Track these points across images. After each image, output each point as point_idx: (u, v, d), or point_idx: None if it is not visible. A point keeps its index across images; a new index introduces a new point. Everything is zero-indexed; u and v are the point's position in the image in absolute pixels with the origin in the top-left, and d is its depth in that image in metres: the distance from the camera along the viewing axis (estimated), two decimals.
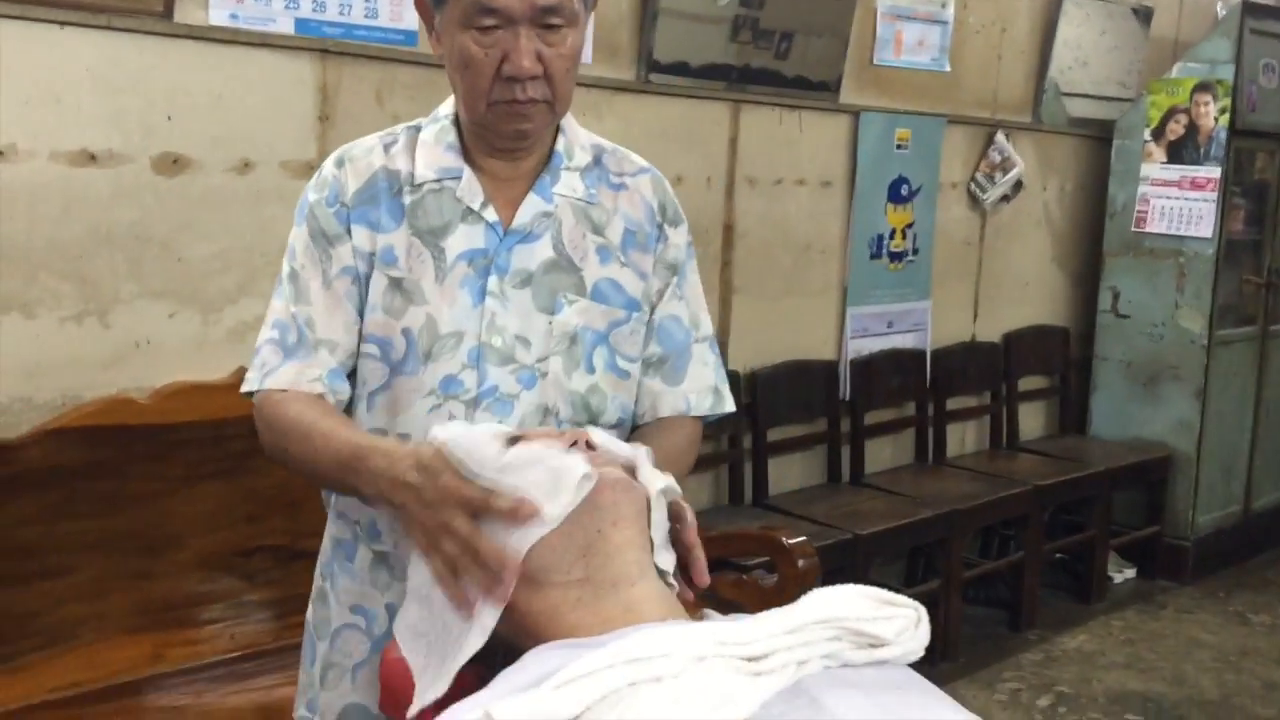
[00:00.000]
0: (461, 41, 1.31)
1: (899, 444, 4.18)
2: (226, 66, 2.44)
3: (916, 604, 1.03)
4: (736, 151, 3.52)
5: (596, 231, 1.44)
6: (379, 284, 1.39)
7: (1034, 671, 3.74)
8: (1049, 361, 4.75)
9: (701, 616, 1.11)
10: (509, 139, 1.38)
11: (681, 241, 1.52)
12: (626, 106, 3.21)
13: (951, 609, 3.70)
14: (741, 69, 3.43)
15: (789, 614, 0.98)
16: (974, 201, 4.37)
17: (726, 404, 1.54)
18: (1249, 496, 4.82)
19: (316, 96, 2.59)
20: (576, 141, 1.46)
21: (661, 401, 1.49)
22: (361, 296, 1.40)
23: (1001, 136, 4.36)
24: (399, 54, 2.70)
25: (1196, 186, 4.44)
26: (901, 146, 3.97)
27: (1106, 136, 4.70)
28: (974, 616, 4.05)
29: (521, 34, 1.29)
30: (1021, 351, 4.59)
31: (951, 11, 4.05)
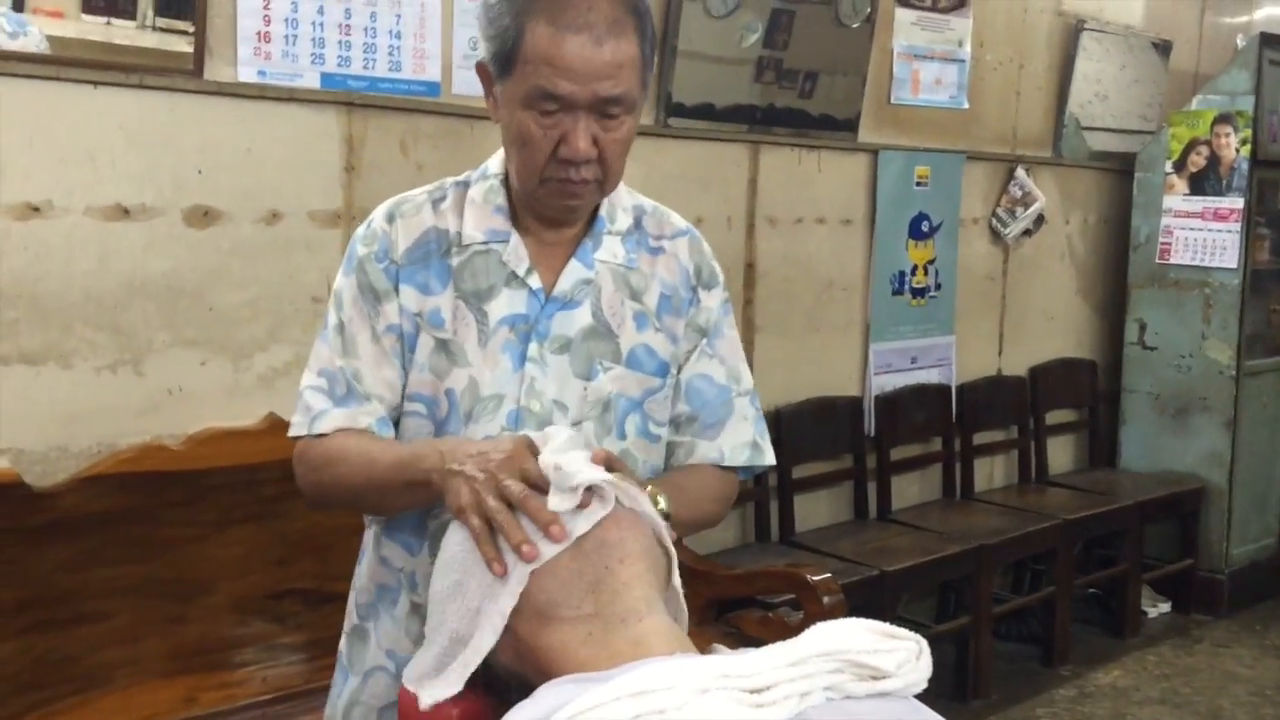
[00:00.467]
0: (521, 119, 1.33)
1: (926, 479, 4.18)
2: (255, 121, 2.52)
3: (918, 636, 1.05)
4: (756, 192, 3.57)
5: (634, 297, 1.46)
6: (426, 344, 1.41)
7: (1067, 708, 3.71)
8: (1077, 394, 4.74)
9: (710, 650, 1.13)
10: (557, 211, 1.42)
11: (715, 304, 1.54)
12: (646, 150, 3.26)
13: (982, 645, 3.68)
14: (765, 109, 3.48)
15: (791, 647, 1.00)
16: (996, 236, 4.39)
17: (766, 457, 1.56)
18: None
19: (342, 148, 2.65)
20: (619, 204, 1.48)
21: (696, 453, 1.52)
22: (405, 354, 1.42)
23: (1022, 171, 4.38)
24: (422, 105, 2.77)
25: (1220, 217, 4.44)
26: (921, 183, 4.00)
27: (1128, 169, 4.71)
28: (1006, 653, 4.03)
29: (581, 119, 1.31)
30: (1048, 385, 4.59)
31: (968, 49, 4.09)
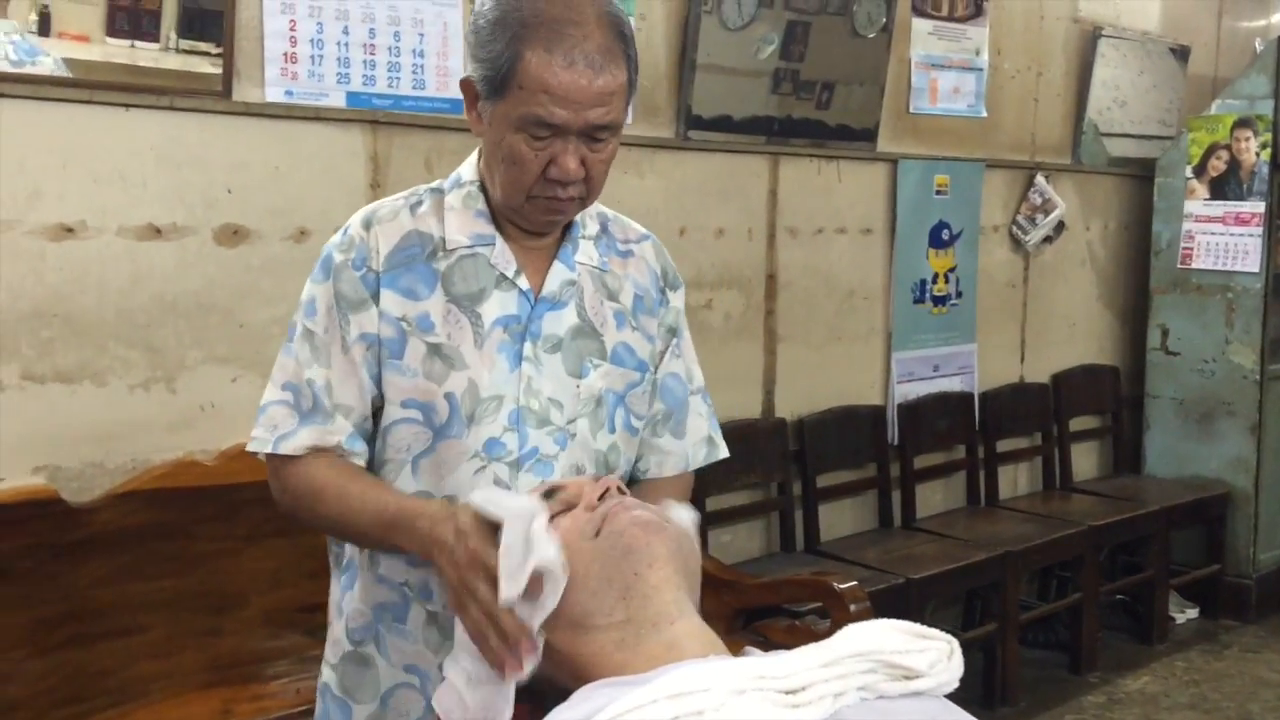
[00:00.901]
0: (513, 140, 1.36)
1: (950, 487, 4.18)
2: (282, 140, 2.56)
3: (949, 636, 1.06)
4: (776, 203, 3.59)
5: (612, 298, 1.51)
6: (416, 350, 1.41)
7: (1096, 714, 3.70)
8: (1100, 401, 4.74)
9: (743, 653, 1.15)
10: (539, 225, 1.45)
11: (680, 305, 1.60)
12: (666, 163, 3.29)
13: (1009, 652, 3.68)
14: (783, 120, 3.51)
15: (825, 648, 1.02)
16: (1016, 244, 4.40)
17: (720, 451, 1.64)
18: None
19: (368, 166, 2.69)
20: (586, 211, 1.52)
21: (668, 461, 1.58)
22: (375, 364, 1.42)
23: (1041, 179, 4.39)
24: (446, 121, 2.80)
25: (1241, 221, 4.43)
26: (941, 192, 4.01)
27: (1148, 175, 4.71)
28: (1034, 660, 4.02)
29: (571, 142, 1.35)
30: (1071, 391, 4.58)
31: (986, 58, 4.11)
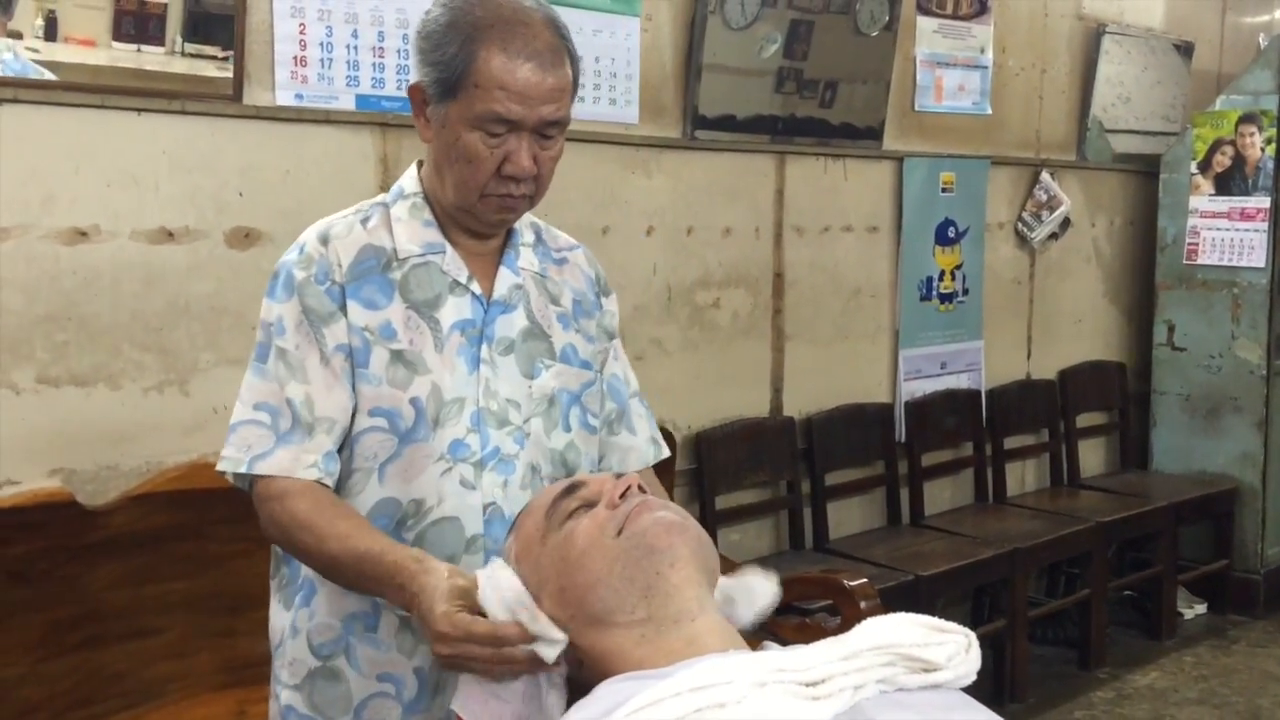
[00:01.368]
0: (469, 139, 1.41)
1: (958, 484, 4.19)
2: (293, 143, 2.57)
3: (967, 629, 1.07)
4: (783, 201, 3.60)
5: (554, 301, 1.57)
6: (380, 358, 1.44)
7: (1106, 710, 3.71)
8: (1107, 397, 4.74)
9: (761, 647, 1.16)
10: (490, 225, 1.50)
11: (615, 309, 1.67)
12: (674, 163, 3.30)
13: (1018, 648, 3.68)
14: (787, 119, 3.52)
15: (844, 642, 1.03)
16: (1022, 240, 4.40)
17: (664, 451, 1.70)
18: None
19: (378, 168, 2.70)
20: (521, 221, 1.57)
21: (630, 456, 1.64)
22: (353, 374, 1.44)
23: (1047, 175, 4.40)
24: None
25: (1246, 217, 4.44)
26: (946, 189, 4.02)
27: (1153, 171, 4.71)
28: (1043, 656, 4.03)
29: (525, 139, 1.40)
30: (1078, 388, 4.59)
31: (990, 56, 4.11)
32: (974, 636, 1.07)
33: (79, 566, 2.28)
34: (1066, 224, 4.49)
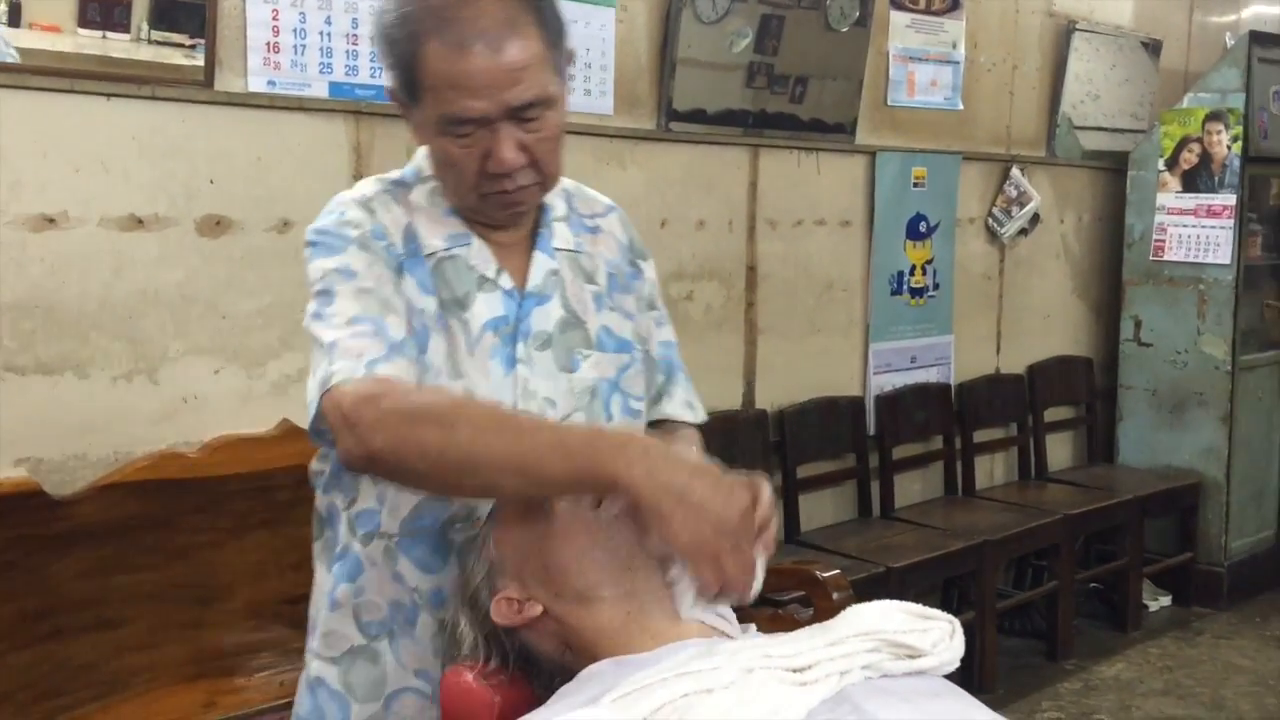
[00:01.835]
0: (442, 144, 1.28)
1: (928, 477, 4.22)
2: (265, 131, 2.54)
3: (951, 617, 1.08)
4: (757, 195, 3.60)
5: (589, 280, 1.44)
6: (439, 348, 1.33)
7: (1073, 701, 3.74)
8: (1074, 392, 4.78)
9: (746, 633, 1.16)
10: (503, 220, 1.37)
11: (653, 275, 1.54)
12: (648, 155, 3.29)
13: (987, 640, 3.71)
14: (758, 114, 3.52)
15: (830, 628, 1.03)
16: (992, 236, 4.43)
17: (699, 413, 1.56)
18: None
19: (351, 156, 2.68)
20: (552, 193, 1.42)
21: (677, 417, 1.52)
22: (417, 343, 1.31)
23: (1017, 171, 4.43)
24: None
25: (1213, 214, 4.49)
26: (918, 184, 4.04)
27: (1121, 168, 4.76)
28: (1011, 647, 4.07)
29: (501, 129, 1.25)
30: (1046, 382, 4.63)
31: (962, 51, 4.13)
32: (958, 623, 1.07)
33: (46, 557, 2.25)
34: (1036, 220, 4.52)
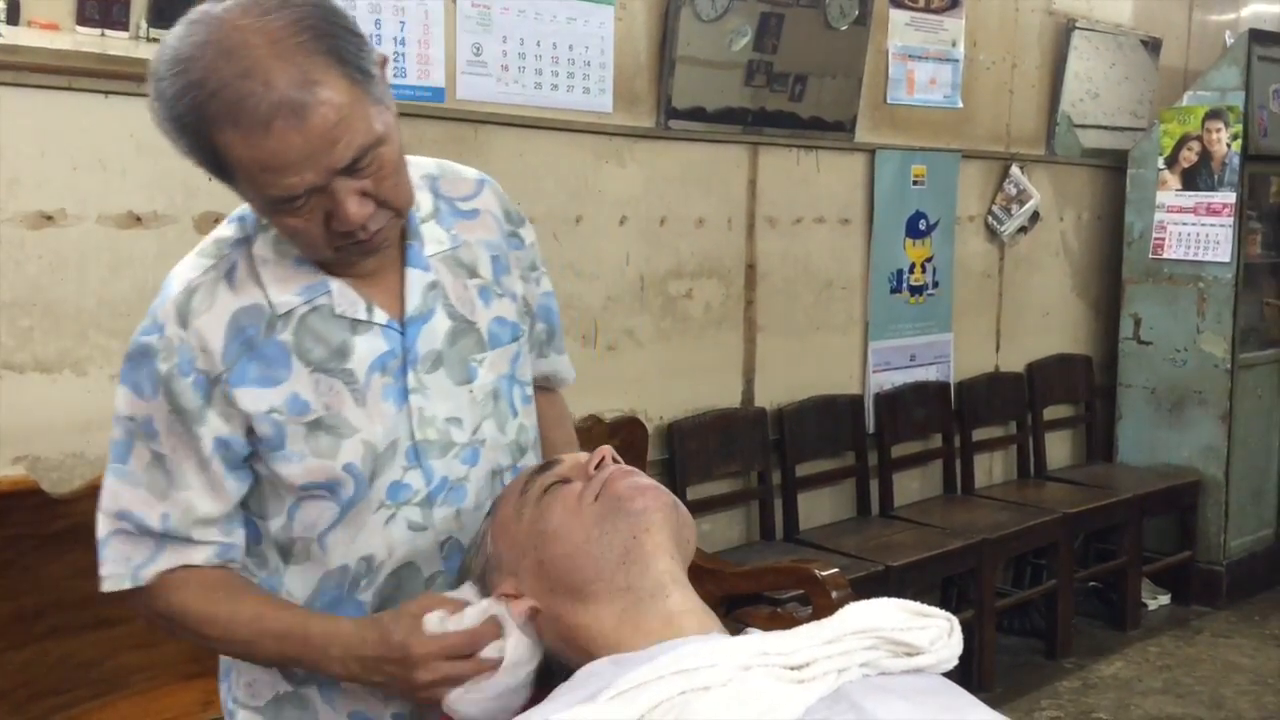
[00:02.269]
0: (276, 220, 1.18)
1: (927, 476, 4.22)
2: None
3: (949, 614, 1.07)
4: (756, 193, 3.60)
5: (472, 274, 1.35)
6: (295, 434, 1.24)
7: (1072, 699, 3.74)
8: (1073, 390, 4.78)
9: (744, 631, 1.16)
10: (368, 265, 1.26)
11: (533, 238, 1.45)
12: (647, 153, 3.29)
13: (986, 638, 3.71)
14: (757, 112, 3.51)
15: (827, 625, 1.03)
16: (992, 234, 4.43)
17: (573, 372, 1.59)
18: None
19: None
20: (414, 186, 1.29)
21: (557, 375, 1.55)
22: (235, 464, 1.26)
23: (1016, 169, 4.42)
24: (427, 110, 2.79)
25: (1212, 212, 4.48)
26: (918, 182, 4.04)
27: (1121, 166, 4.75)
28: (1009, 646, 4.07)
29: (336, 189, 1.13)
30: (1045, 381, 4.63)
31: (962, 50, 4.13)
32: (956, 621, 1.07)
33: (44, 555, 2.24)
34: (1036, 218, 4.52)
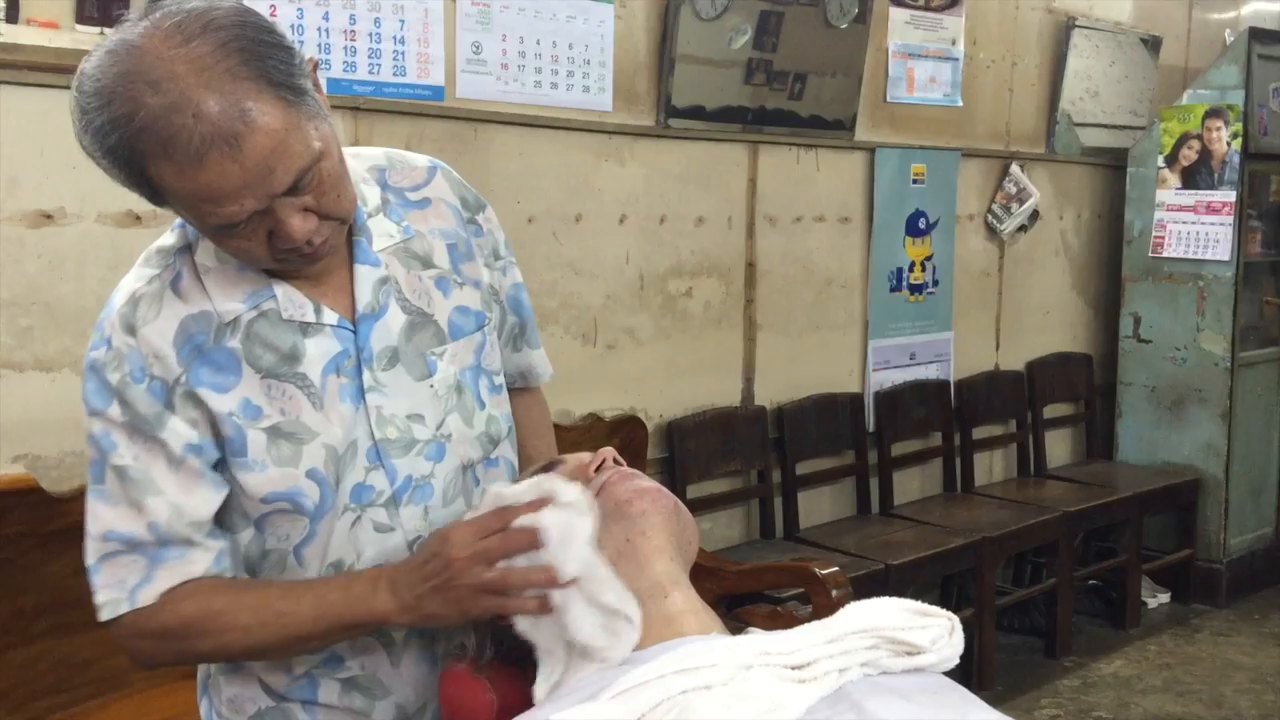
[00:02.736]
0: (217, 242, 1.16)
1: (927, 474, 4.22)
2: None
3: (950, 614, 1.07)
4: (756, 191, 3.60)
5: (426, 265, 1.32)
6: (256, 440, 1.21)
7: (1071, 698, 3.74)
8: (1073, 388, 4.78)
9: (745, 631, 1.16)
10: (314, 271, 1.24)
11: (494, 222, 1.42)
12: (647, 151, 3.29)
13: (986, 637, 3.71)
14: (757, 110, 3.51)
15: (828, 625, 1.03)
16: (991, 232, 4.43)
17: (551, 369, 1.56)
18: None
19: None
20: (359, 181, 1.28)
21: (534, 371, 1.51)
22: (214, 468, 1.22)
23: (1016, 168, 4.42)
24: (427, 108, 2.79)
25: (1212, 210, 4.48)
26: (917, 181, 4.04)
27: (1120, 164, 4.75)
28: (1010, 645, 4.07)
29: (277, 210, 1.10)
30: (1045, 379, 4.62)
31: (962, 48, 4.13)
32: (957, 620, 1.07)
33: (44, 554, 2.24)
34: (1035, 216, 4.52)
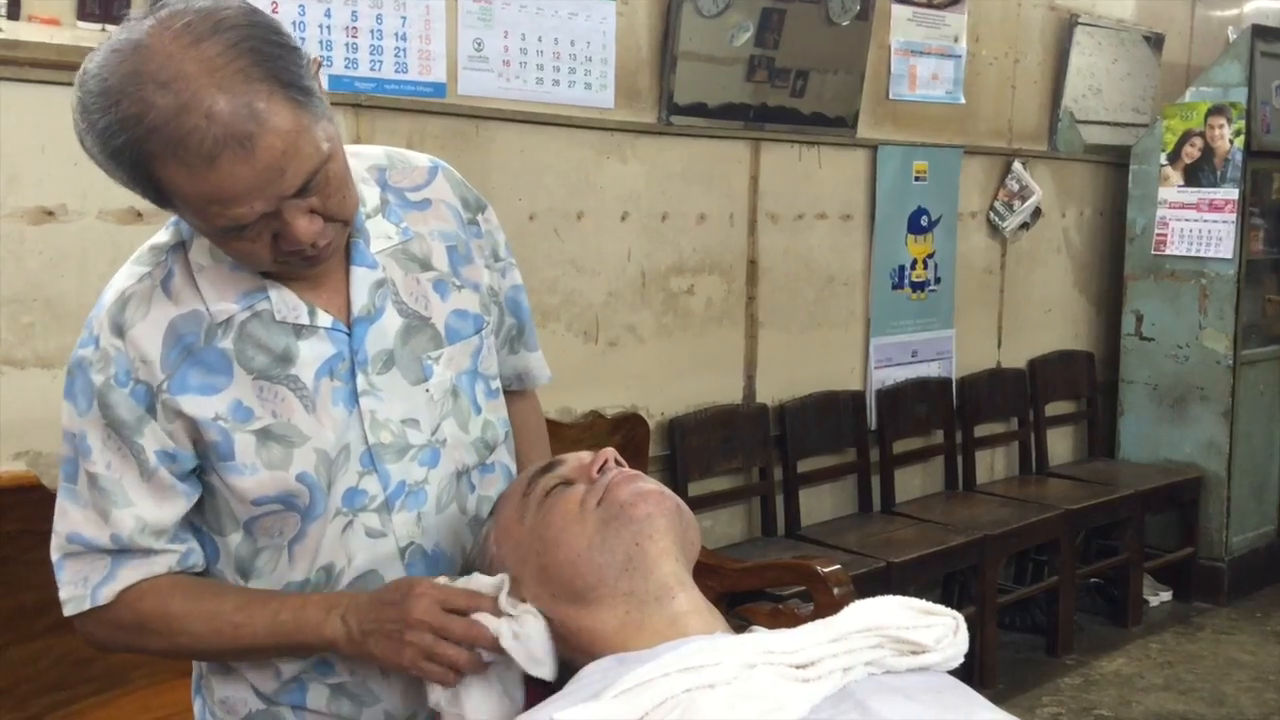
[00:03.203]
0: (221, 244, 1.16)
1: (928, 472, 4.21)
2: None
3: (954, 612, 1.07)
4: (758, 188, 3.59)
5: (425, 268, 1.30)
6: (245, 443, 1.20)
7: (1073, 696, 3.74)
8: (1075, 386, 4.78)
9: (748, 630, 1.15)
10: (314, 273, 1.23)
11: (494, 223, 1.40)
12: (649, 149, 3.28)
13: (987, 635, 3.71)
14: (759, 108, 3.51)
15: (833, 624, 1.03)
16: (994, 230, 4.42)
17: (549, 370, 1.55)
18: None
19: None
20: (359, 181, 1.26)
21: (530, 374, 1.50)
22: (183, 475, 1.23)
23: (1019, 165, 4.42)
24: (429, 105, 2.79)
25: (1215, 208, 4.48)
26: (920, 178, 4.03)
27: (1123, 162, 4.75)
28: (1011, 642, 4.07)
29: (285, 212, 1.10)
30: (1047, 377, 4.62)
31: (964, 45, 4.12)
32: (961, 619, 1.07)
33: (45, 551, 2.20)
34: (1037, 214, 4.51)
